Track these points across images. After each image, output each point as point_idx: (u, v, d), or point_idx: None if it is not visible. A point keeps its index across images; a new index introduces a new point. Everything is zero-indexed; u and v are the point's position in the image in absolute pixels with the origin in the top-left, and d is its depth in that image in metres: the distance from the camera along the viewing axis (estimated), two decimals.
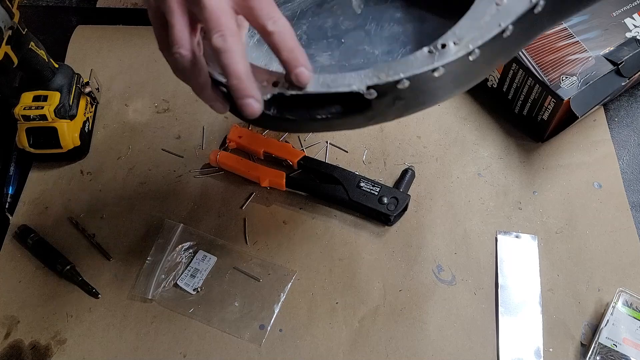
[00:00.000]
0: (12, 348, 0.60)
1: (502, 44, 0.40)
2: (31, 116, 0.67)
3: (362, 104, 0.39)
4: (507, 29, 0.39)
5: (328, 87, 0.39)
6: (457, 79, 0.41)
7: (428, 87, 0.40)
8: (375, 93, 0.38)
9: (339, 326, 0.61)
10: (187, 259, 0.65)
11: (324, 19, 0.51)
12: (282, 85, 0.40)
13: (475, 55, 0.38)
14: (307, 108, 0.40)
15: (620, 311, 0.59)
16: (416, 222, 0.68)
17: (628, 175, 0.71)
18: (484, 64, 0.41)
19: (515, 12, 0.39)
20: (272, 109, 0.41)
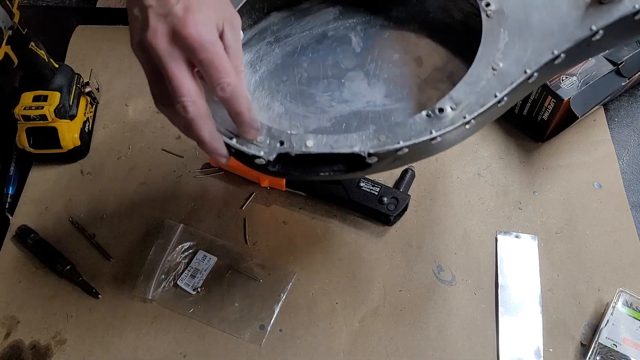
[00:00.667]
0: (12, 348, 0.60)
1: (496, 111, 0.42)
2: (31, 116, 0.67)
3: (363, 164, 0.41)
4: (502, 100, 0.40)
5: (331, 148, 0.40)
6: (451, 141, 0.43)
7: (425, 150, 0.42)
8: (376, 159, 0.40)
9: (339, 326, 0.61)
10: (187, 259, 0.65)
11: (324, 57, 0.52)
12: (288, 145, 0.41)
13: (471, 124, 0.40)
14: (312, 166, 0.42)
15: (620, 311, 0.59)
16: (416, 222, 0.68)
17: (628, 175, 0.71)
18: (477, 128, 0.43)
19: (511, 79, 0.40)
20: (277, 166, 0.42)
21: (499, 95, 0.40)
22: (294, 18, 0.53)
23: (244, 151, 0.42)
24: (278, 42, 0.53)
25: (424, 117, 0.40)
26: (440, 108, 0.40)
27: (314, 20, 0.54)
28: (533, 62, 0.41)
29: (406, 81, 0.50)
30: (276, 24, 0.53)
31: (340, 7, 0.54)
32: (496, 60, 0.41)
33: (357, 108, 0.48)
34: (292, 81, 0.51)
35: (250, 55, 0.52)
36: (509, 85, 0.40)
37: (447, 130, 0.40)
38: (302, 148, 0.41)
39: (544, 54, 0.41)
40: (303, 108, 0.49)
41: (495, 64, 0.41)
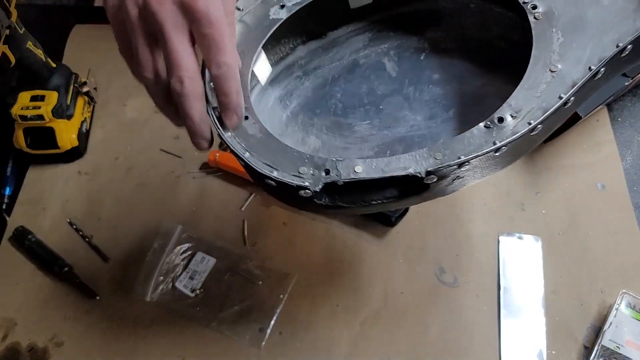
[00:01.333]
0: (9, 350, 0.59)
1: (563, 113, 0.39)
2: (28, 116, 0.67)
3: (420, 187, 0.38)
4: (569, 101, 0.37)
5: (383, 172, 0.37)
6: (518, 152, 0.39)
7: (488, 164, 0.38)
8: (435, 178, 0.37)
9: (339, 329, 0.60)
10: (186, 261, 0.64)
11: (357, 85, 0.49)
12: (335, 173, 0.37)
13: (538, 130, 0.37)
14: (362, 194, 0.39)
15: (624, 313, 0.59)
16: (418, 224, 0.67)
17: (631, 176, 0.71)
18: (545, 134, 0.39)
19: (573, 79, 0.37)
20: (324, 198, 0.39)
21: (564, 97, 0.37)
22: (322, 50, 0.51)
23: (287, 182, 0.37)
24: (307, 76, 0.50)
25: (482, 128, 0.37)
26: (500, 117, 0.37)
27: (343, 50, 0.51)
28: (596, 58, 0.38)
29: (450, 101, 0.47)
30: (303, 58, 0.50)
31: (369, 34, 0.51)
32: (553, 62, 0.38)
33: (400, 134, 0.45)
34: (327, 113, 0.48)
35: (280, 91, 0.49)
36: (572, 85, 0.37)
37: (512, 139, 0.36)
38: (350, 175, 0.37)
39: (607, 48, 0.38)
40: (341, 139, 0.46)
41: (553, 66, 0.38)
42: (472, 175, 0.39)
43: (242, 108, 0.40)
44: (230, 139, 0.40)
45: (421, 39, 0.51)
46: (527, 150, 0.41)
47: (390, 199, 0.38)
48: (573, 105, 0.39)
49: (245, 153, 0.39)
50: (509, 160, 0.40)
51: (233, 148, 0.40)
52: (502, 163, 0.40)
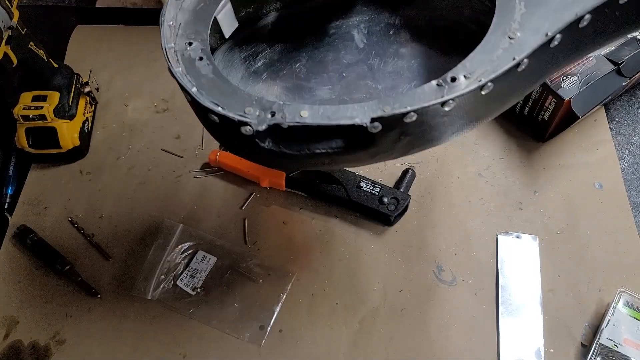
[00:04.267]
0: (11, 348, 0.60)
1: (516, 78, 0.38)
2: (30, 116, 0.67)
3: (366, 139, 0.37)
4: (522, 62, 0.37)
5: (329, 119, 0.36)
6: (468, 114, 0.38)
7: (437, 122, 0.37)
8: (380, 126, 0.36)
9: (339, 327, 0.61)
10: (187, 260, 0.65)
11: (324, 53, 0.49)
12: (280, 116, 0.37)
13: (488, 89, 0.36)
14: (306, 142, 0.38)
15: (621, 312, 0.59)
16: (416, 223, 0.68)
17: (629, 176, 0.71)
18: (497, 100, 0.39)
19: (530, 46, 0.37)
20: (267, 141, 0.38)
21: (517, 58, 0.36)
22: (294, 18, 0.51)
23: (230, 117, 0.37)
24: (276, 40, 0.50)
25: (434, 86, 0.36)
26: (453, 77, 0.36)
27: (315, 19, 0.52)
28: (555, 26, 0.38)
29: (414, 74, 0.47)
30: (275, 24, 0.51)
31: (343, 6, 0.52)
32: (512, 30, 0.38)
33: (359, 100, 0.45)
34: (290, 76, 0.48)
35: (246, 52, 0.50)
36: (528, 49, 0.37)
37: (461, 93, 0.35)
38: (295, 118, 0.36)
39: (566, 16, 0.38)
40: (300, 101, 0.46)
41: (512, 34, 0.37)
42: (422, 135, 0.38)
43: None
44: (180, 75, 0.39)
45: (393, 15, 0.51)
46: (482, 114, 0.39)
47: (336, 150, 0.37)
48: (529, 72, 0.38)
49: (192, 88, 0.38)
50: (462, 124, 0.39)
51: (181, 82, 0.39)
52: (454, 125, 0.38)
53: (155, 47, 0.83)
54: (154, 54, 0.83)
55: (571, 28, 0.38)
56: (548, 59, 0.39)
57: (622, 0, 0.39)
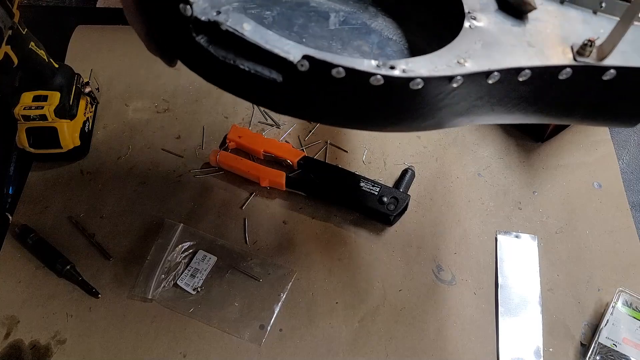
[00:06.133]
0: (12, 348, 0.60)
1: (448, 92, 0.39)
2: (31, 116, 0.67)
3: (291, 78, 0.36)
4: (455, 77, 0.38)
5: (265, 43, 0.36)
6: (398, 104, 0.39)
7: (359, 94, 0.37)
8: (307, 65, 0.35)
9: (338, 326, 0.61)
10: (187, 259, 0.65)
11: (296, 16, 0.50)
12: (224, 18, 0.36)
13: (418, 85, 0.37)
14: (236, 53, 0.37)
15: (620, 311, 0.59)
16: (416, 222, 0.68)
17: (628, 175, 0.71)
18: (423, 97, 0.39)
19: (469, 71, 0.39)
20: (200, 36, 0.38)
21: (455, 72, 0.37)
22: None
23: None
24: None
25: (373, 64, 0.36)
26: (392, 65, 0.37)
27: None
28: (497, 66, 0.39)
29: None
30: None
31: None
32: (464, 57, 0.39)
33: None
34: (256, 18, 0.48)
35: None
36: (465, 73, 0.38)
37: (390, 74, 0.36)
38: (236, 26, 0.36)
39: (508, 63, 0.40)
40: None
41: (461, 60, 0.39)
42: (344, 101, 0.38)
43: None
44: None
45: (372, 18, 0.52)
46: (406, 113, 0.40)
47: (259, 75, 0.37)
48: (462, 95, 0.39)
49: None
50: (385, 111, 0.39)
51: None
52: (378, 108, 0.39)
53: None
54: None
55: (510, 75, 0.40)
56: (482, 94, 0.40)
57: (562, 77, 0.41)
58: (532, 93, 0.42)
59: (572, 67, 0.40)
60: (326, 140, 0.74)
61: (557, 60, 0.40)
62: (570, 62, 0.40)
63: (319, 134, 0.75)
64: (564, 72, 0.40)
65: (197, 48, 0.38)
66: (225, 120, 0.76)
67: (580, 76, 0.40)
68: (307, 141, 0.75)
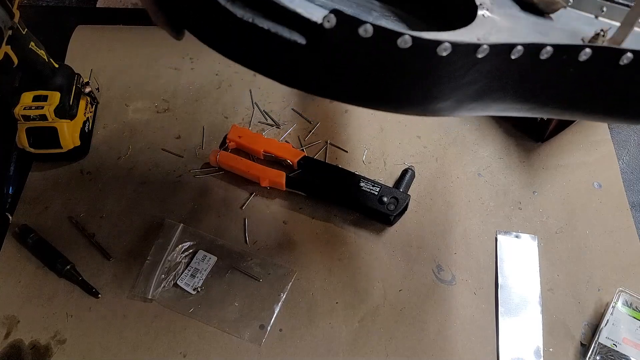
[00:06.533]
0: (12, 348, 0.60)
1: (474, 64, 0.37)
2: (31, 116, 0.67)
3: (314, 37, 0.34)
4: (482, 46, 0.36)
5: (290, 2, 0.33)
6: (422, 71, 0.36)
7: (388, 56, 0.35)
8: (334, 21, 0.32)
9: (339, 326, 0.61)
10: (187, 259, 0.65)
11: None
12: None
13: (445, 50, 0.35)
14: (256, 10, 0.34)
15: (620, 311, 0.59)
16: (416, 222, 0.68)
17: (628, 175, 0.71)
18: (452, 75, 0.37)
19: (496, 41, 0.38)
20: None
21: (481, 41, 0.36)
22: None
23: None
24: None
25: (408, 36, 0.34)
26: None
27: None
28: (522, 40, 0.39)
29: None
30: None
31: None
32: (481, 35, 0.38)
33: None
34: None
35: None
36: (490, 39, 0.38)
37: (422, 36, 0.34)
38: None
39: (532, 39, 0.40)
40: None
41: (480, 37, 0.38)
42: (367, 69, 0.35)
43: None
44: None
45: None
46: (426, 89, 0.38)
47: (280, 37, 0.34)
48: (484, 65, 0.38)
49: None
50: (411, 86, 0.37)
51: None
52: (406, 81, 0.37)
53: (155, 47, 0.83)
54: (155, 54, 0.83)
55: (533, 50, 0.39)
56: (503, 71, 0.39)
57: (582, 58, 0.39)
58: (553, 75, 0.41)
59: (592, 47, 0.39)
60: (326, 140, 0.74)
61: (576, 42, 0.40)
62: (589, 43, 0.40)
63: (319, 134, 0.75)
64: (583, 52, 0.39)
65: (212, 6, 0.35)
66: (225, 120, 0.76)
67: (600, 58, 0.40)
68: (307, 141, 0.75)
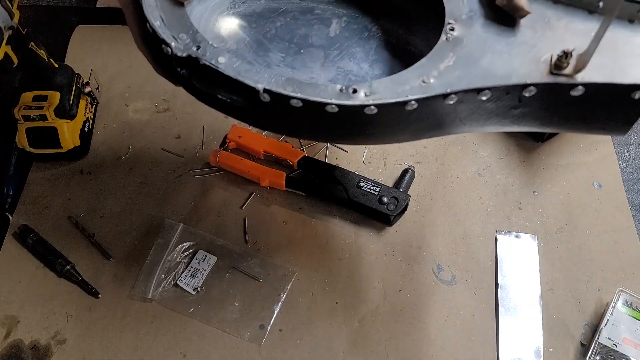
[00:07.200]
0: (12, 348, 0.60)
1: (403, 115, 0.40)
2: (31, 116, 0.67)
3: (257, 105, 0.41)
4: (410, 102, 0.39)
5: (237, 74, 0.40)
6: (351, 126, 0.41)
7: (318, 118, 0.40)
8: (268, 98, 0.39)
9: (338, 326, 0.61)
10: (187, 259, 0.65)
11: (298, 27, 0.52)
12: (202, 52, 0.41)
13: (372, 111, 0.39)
14: (214, 85, 0.42)
15: (620, 311, 0.59)
16: (416, 222, 0.68)
17: (628, 175, 0.71)
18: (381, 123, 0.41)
19: (432, 92, 0.39)
20: (184, 70, 0.42)
21: (410, 97, 0.39)
22: None
23: (158, 34, 0.41)
24: None
25: (337, 89, 0.39)
26: (355, 89, 0.39)
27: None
28: (458, 87, 0.40)
29: (357, 79, 0.50)
30: None
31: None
32: (429, 76, 0.40)
33: (299, 78, 0.47)
34: (259, 31, 0.51)
35: None
36: (422, 93, 0.39)
37: (346, 103, 0.39)
38: (212, 60, 0.40)
39: (472, 84, 0.40)
40: (252, 55, 0.50)
41: (426, 78, 0.40)
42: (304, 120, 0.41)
43: None
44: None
45: (373, 22, 0.53)
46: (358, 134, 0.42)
47: (234, 103, 0.41)
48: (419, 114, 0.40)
49: None
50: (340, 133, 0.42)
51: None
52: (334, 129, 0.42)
53: None
54: None
55: (471, 96, 0.40)
56: (443, 113, 0.41)
57: (527, 94, 0.40)
58: (500, 109, 0.42)
59: (535, 85, 0.40)
60: None
61: (525, 77, 0.40)
62: (536, 79, 0.40)
63: None
64: (527, 90, 0.40)
65: (182, 77, 0.43)
66: (225, 120, 0.76)
67: (546, 93, 0.40)
68: (307, 141, 0.75)
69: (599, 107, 0.41)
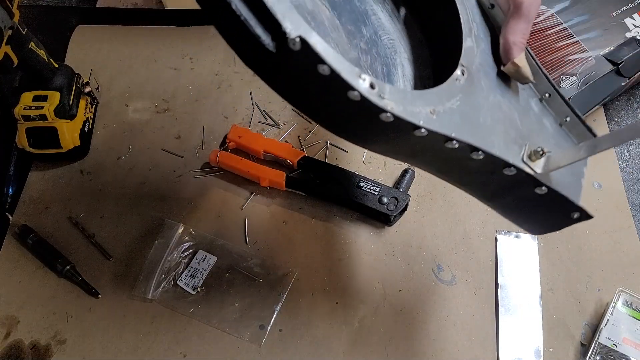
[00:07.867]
0: (12, 348, 0.60)
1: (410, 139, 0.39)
2: (31, 116, 0.67)
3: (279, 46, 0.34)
4: (420, 129, 0.38)
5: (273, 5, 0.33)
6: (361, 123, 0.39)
7: (334, 97, 0.37)
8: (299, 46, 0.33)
9: (338, 326, 0.61)
10: (187, 259, 0.65)
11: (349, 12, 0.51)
12: None
13: (388, 118, 0.37)
14: None
15: (620, 311, 0.59)
16: (416, 222, 0.68)
17: (628, 175, 0.71)
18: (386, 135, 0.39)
19: (437, 125, 0.39)
20: None
21: (422, 124, 0.38)
22: None
23: None
24: None
25: (365, 79, 0.36)
26: (381, 94, 0.37)
27: None
28: (458, 135, 0.40)
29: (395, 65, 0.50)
30: None
31: None
32: (438, 107, 0.40)
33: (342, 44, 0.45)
34: None
35: None
36: (432, 125, 0.39)
37: (367, 96, 0.35)
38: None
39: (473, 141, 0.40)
40: None
41: (436, 108, 0.39)
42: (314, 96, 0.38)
43: None
44: None
45: None
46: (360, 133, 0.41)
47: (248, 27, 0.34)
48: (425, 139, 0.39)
49: None
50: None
51: None
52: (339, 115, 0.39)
53: (155, 47, 0.83)
54: (155, 54, 0.83)
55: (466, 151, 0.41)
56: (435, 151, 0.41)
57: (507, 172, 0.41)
58: (481, 173, 0.43)
59: (517, 168, 0.41)
60: (326, 140, 0.74)
61: (508, 155, 0.41)
62: (518, 163, 0.41)
63: (319, 134, 0.75)
64: (509, 169, 0.41)
65: None
66: (225, 120, 0.76)
67: (520, 178, 0.42)
68: (307, 141, 0.75)
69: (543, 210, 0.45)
